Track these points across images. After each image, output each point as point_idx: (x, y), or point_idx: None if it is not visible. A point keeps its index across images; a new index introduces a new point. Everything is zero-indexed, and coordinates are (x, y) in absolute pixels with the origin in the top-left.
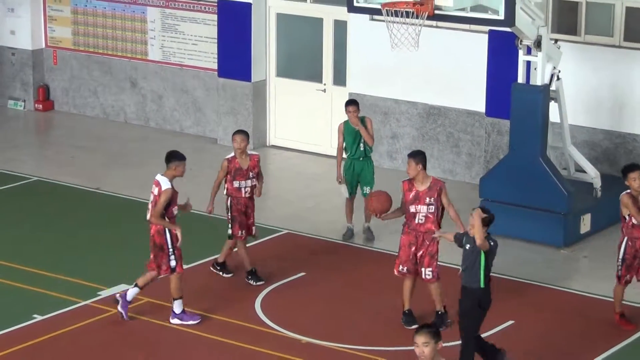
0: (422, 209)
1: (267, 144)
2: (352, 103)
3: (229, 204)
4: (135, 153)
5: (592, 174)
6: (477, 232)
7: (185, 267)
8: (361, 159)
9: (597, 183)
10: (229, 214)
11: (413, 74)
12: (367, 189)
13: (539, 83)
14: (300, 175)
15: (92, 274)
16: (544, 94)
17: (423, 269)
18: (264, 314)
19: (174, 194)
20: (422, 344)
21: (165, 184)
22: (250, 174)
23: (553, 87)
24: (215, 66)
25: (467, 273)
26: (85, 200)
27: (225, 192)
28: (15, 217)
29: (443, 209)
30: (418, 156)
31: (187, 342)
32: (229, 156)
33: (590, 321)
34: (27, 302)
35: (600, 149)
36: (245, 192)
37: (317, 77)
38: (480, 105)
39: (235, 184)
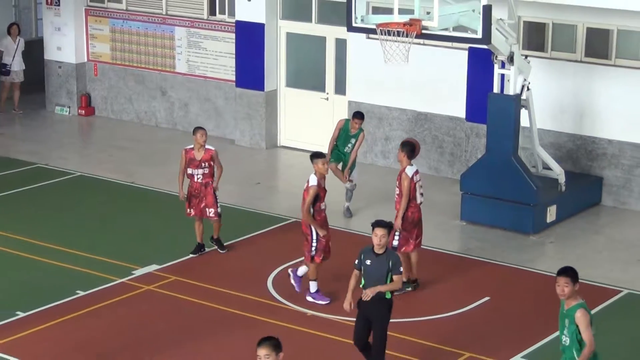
0: (396, 188)
1: (278, 145)
2: (358, 117)
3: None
4: (164, 152)
5: (557, 171)
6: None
7: (206, 250)
8: (345, 151)
9: (562, 179)
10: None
11: (403, 84)
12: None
13: (511, 93)
14: (306, 172)
15: (127, 256)
16: (516, 102)
17: None
18: (275, 290)
19: (320, 191)
20: (264, 356)
21: (312, 181)
22: (203, 164)
23: (524, 97)
24: (233, 78)
25: (374, 285)
26: (121, 192)
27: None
28: (60, 207)
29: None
30: (404, 146)
31: (209, 315)
32: (187, 147)
33: (555, 297)
34: (71, 280)
35: (564, 150)
36: (197, 179)
37: (320, 87)
38: (461, 112)
39: (189, 170)
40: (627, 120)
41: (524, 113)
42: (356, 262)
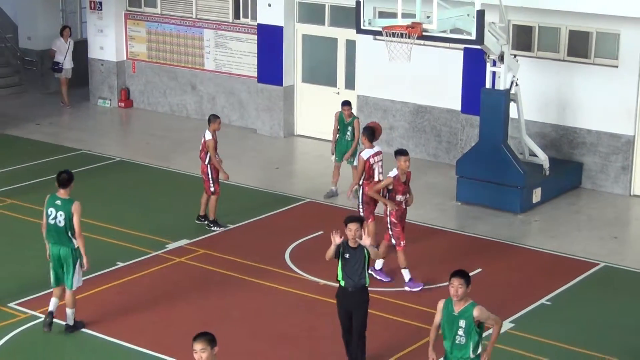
0: None
1: (295, 134)
2: (346, 103)
3: (209, 170)
4: (194, 140)
5: (542, 158)
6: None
7: (231, 226)
8: (346, 140)
9: (546, 164)
10: (211, 178)
11: (405, 80)
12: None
13: (502, 88)
14: (319, 158)
15: (161, 231)
16: (506, 96)
17: None
18: (292, 262)
19: (397, 184)
20: (200, 350)
21: (391, 173)
22: (217, 145)
23: (513, 91)
24: (255, 74)
25: (354, 278)
26: (156, 175)
27: (207, 162)
28: (102, 188)
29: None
30: (365, 130)
31: (233, 283)
32: (209, 137)
33: (539, 269)
34: (111, 252)
35: (549, 139)
36: (217, 158)
37: (332, 82)
38: (457, 105)
39: (217, 156)
40: (604, 113)
41: (513, 106)
42: (334, 252)
